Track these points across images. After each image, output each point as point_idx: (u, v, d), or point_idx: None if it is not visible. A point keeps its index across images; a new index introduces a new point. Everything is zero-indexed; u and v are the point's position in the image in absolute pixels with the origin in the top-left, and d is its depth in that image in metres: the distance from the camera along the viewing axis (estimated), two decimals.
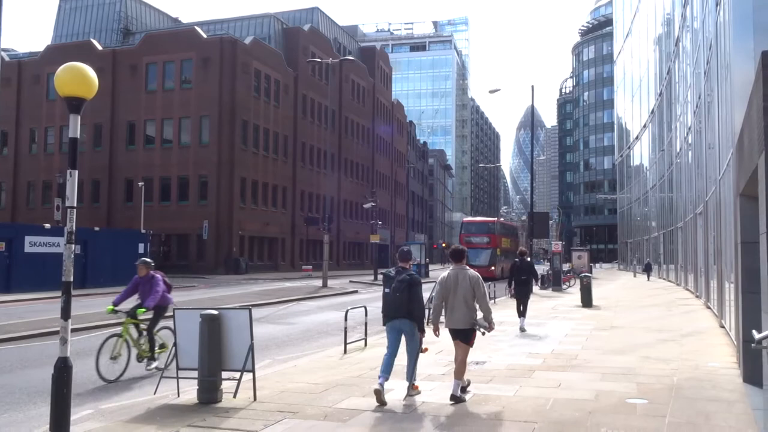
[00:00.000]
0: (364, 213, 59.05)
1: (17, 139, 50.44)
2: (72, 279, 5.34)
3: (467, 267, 7.70)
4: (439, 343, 9.83)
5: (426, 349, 8.30)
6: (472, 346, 7.62)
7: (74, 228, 5.36)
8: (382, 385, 7.17)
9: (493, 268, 41.65)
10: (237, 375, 7.53)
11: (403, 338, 7.51)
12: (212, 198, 44.24)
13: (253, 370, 7.54)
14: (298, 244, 53.01)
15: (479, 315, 7.49)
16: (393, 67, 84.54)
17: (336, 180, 58.05)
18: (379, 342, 12.41)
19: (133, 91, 46.69)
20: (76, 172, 5.43)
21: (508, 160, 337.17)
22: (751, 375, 7.90)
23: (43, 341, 12.58)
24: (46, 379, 5.61)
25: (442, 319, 7.72)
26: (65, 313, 5.22)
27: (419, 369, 7.91)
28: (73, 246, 5.38)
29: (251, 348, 7.49)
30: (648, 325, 15.26)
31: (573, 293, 26.28)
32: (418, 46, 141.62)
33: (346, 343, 11.16)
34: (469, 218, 60.76)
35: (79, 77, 5.32)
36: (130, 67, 47.08)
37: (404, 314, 7.32)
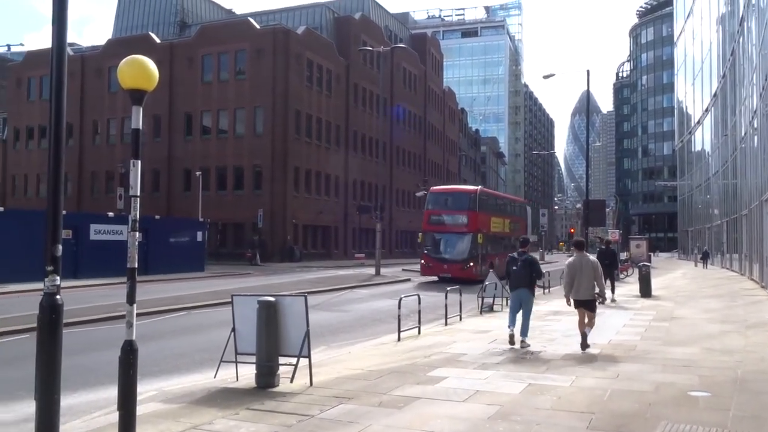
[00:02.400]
0: (417, 201, 58.95)
1: (81, 130, 52.33)
2: (136, 265, 5.52)
3: (587, 254, 10.24)
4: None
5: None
6: (595, 311, 10.15)
7: (138, 216, 5.52)
8: (512, 329, 10.13)
9: (471, 264, 26.79)
10: (293, 360, 7.67)
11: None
12: (266, 187, 44.96)
13: (309, 356, 7.67)
14: (350, 233, 53.38)
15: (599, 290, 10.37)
16: (444, 54, 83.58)
17: (388, 168, 58.05)
18: (432, 331, 12.40)
19: (189, 82, 47.74)
20: (139, 162, 5.56)
21: (562, 147, 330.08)
22: None
23: (110, 325, 13.08)
24: (112, 361, 5.85)
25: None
26: (131, 298, 5.40)
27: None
28: (137, 233, 5.55)
29: (307, 334, 7.60)
30: (710, 316, 14.74)
31: (631, 283, 25.61)
32: (469, 32, 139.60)
33: (399, 331, 11.22)
34: (439, 187, 36.47)
35: (141, 70, 5.47)
36: (186, 59, 48.13)
37: (525, 285, 10.16)
